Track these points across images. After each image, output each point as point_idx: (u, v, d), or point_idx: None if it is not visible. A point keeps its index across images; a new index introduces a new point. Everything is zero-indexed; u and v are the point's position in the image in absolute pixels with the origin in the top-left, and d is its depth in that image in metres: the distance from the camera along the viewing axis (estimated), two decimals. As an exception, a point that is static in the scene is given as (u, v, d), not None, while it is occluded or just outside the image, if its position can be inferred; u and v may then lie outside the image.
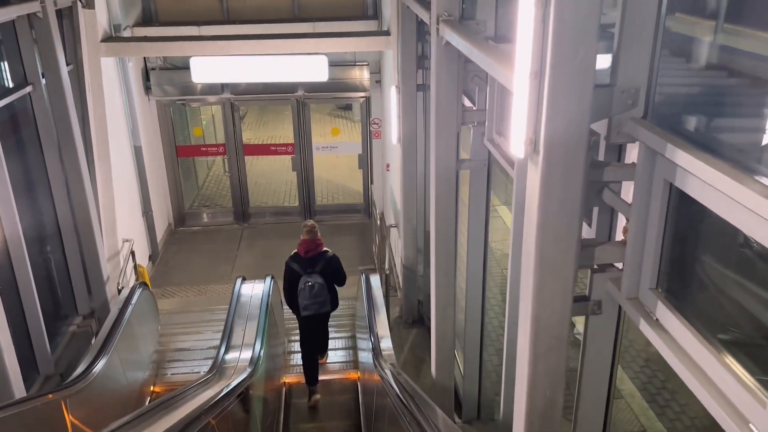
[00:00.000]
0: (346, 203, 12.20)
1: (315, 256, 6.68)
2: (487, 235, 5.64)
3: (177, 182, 11.27)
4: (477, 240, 5.65)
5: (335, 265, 6.78)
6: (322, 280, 6.61)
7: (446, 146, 5.20)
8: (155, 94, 10.48)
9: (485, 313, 5.95)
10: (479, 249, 5.68)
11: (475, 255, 5.71)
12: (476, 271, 5.77)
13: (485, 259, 5.73)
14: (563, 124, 2.61)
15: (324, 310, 6.78)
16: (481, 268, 5.76)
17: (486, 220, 5.58)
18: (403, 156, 7.78)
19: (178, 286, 9.70)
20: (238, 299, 7.27)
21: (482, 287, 5.83)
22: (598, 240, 3.12)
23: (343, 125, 17.62)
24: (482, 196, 5.47)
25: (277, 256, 10.52)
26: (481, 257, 5.71)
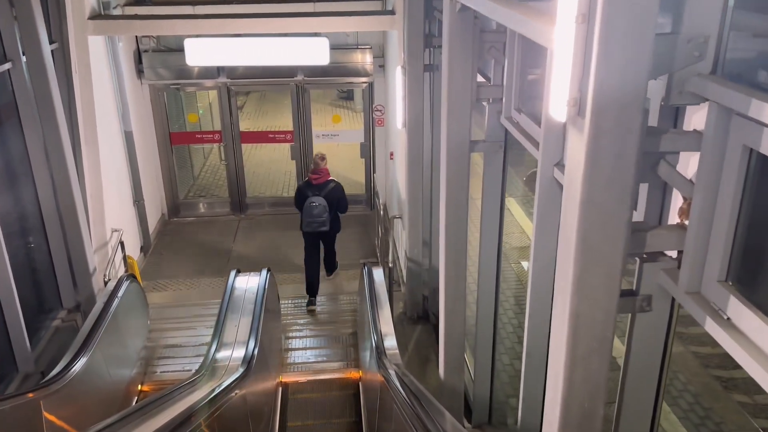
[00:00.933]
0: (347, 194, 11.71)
1: (321, 183, 7.90)
2: (501, 224, 5.17)
3: (171, 171, 10.79)
4: (491, 228, 5.18)
5: (338, 192, 8.00)
6: (324, 203, 7.80)
7: (458, 125, 4.73)
8: (148, 78, 9.99)
9: (498, 308, 5.48)
10: (493, 238, 5.21)
11: (489, 244, 5.24)
12: (489, 262, 5.30)
13: (499, 250, 5.26)
14: (616, 80, 2.14)
15: (322, 228, 7.92)
16: (495, 260, 5.29)
17: (501, 207, 5.10)
18: (408, 141, 7.30)
19: (170, 278, 9.24)
20: (231, 293, 6.81)
21: (496, 280, 5.36)
22: (648, 223, 2.64)
23: (344, 115, 17.13)
24: (497, 181, 4.99)
25: (275, 248, 10.10)
26: (495, 247, 5.24)
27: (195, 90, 10.98)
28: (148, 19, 8.03)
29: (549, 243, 3.78)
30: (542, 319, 4.01)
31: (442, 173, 4.97)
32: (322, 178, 7.94)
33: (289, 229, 10.67)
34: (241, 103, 18.20)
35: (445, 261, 5.16)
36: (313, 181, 7.93)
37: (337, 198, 7.94)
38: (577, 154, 2.30)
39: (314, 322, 8.04)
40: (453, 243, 5.08)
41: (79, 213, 7.25)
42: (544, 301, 3.97)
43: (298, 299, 8.60)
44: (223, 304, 6.59)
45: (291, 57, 9.71)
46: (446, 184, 4.92)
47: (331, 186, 7.97)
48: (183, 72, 10.02)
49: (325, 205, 7.80)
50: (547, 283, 3.91)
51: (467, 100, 4.68)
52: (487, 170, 5.00)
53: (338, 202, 7.97)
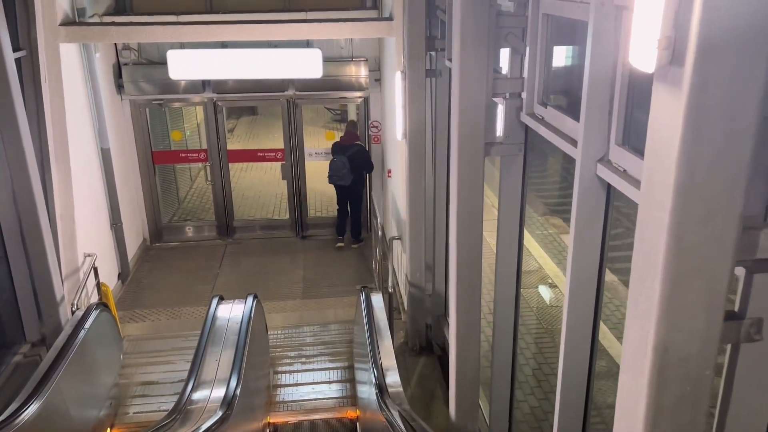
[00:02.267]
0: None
1: (347, 144, 9.44)
2: (521, 239, 4.49)
3: (153, 192, 10.09)
4: (508, 245, 4.50)
5: (361, 153, 9.47)
6: (345, 160, 9.24)
7: (472, 125, 4.08)
8: (128, 93, 9.36)
9: (517, 338, 4.77)
10: (511, 257, 4.52)
11: (506, 264, 4.56)
12: (507, 284, 4.61)
13: (519, 270, 4.57)
14: (732, 11, 1.49)
15: (341, 182, 9.43)
16: (514, 281, 4.60)
17: (521, 220, 4.43)
18: (409, 153, 6.66)
19: (149, 308, 8.48)
20: (212, 323, 6.08)
21: (515, 306, 4.67)
22: (760, 218, 1.95)
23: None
24: (516, 189, 4.33)
25: (264, 274, 9.38)
26: (513, 267, 4.56)
27: (181, 106, 10.34)
28: (125, 26, 7.42)
29: (590, 258, 3.11)
30: (581, 355, 3.32)
31: (453, 182, 4.31)
32: (349, 141, 9.47)
33: (280, 253, 9.97)
34: (232, 126, 17.62)
35: (456, 283, 4.46)
36: (341, 142, 9.54)
37: (360, 158, 9.36)
38: (668, 119, 1.63)
39: (306, 354, 7.29)
40: (466, 262, 4.40)
41: (45, 235, 6.52)
42: (584, 330, 3.28)
43: (289, 329, 7.86)
44: (202, 336, 5.85)
45: (281, 70, 9.12)
46: (458, 193, 4.26)
47: (355, 149, 9.39)
48: (166, 87, 9.39)
49: (345, 162, 9.24)
50: (587, 308, 3.23)
51: (482, 95, 4.04)
52: (504, 177, 4.33)
53: (362, 162, 9.40)
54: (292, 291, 8.84)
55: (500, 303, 4.68)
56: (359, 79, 9.56)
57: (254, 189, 12.46)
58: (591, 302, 3.21)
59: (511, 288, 4.60)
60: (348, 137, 9.55)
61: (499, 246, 4.54)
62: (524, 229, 4.47)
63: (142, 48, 9.30)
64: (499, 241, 4.53)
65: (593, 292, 3.21)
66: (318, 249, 10.13)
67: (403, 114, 6.55)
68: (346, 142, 9.50)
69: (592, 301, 3.22)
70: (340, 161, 9.27)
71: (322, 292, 8.83)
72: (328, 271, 9.39)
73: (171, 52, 8.87)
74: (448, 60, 6.18)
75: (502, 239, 4.51)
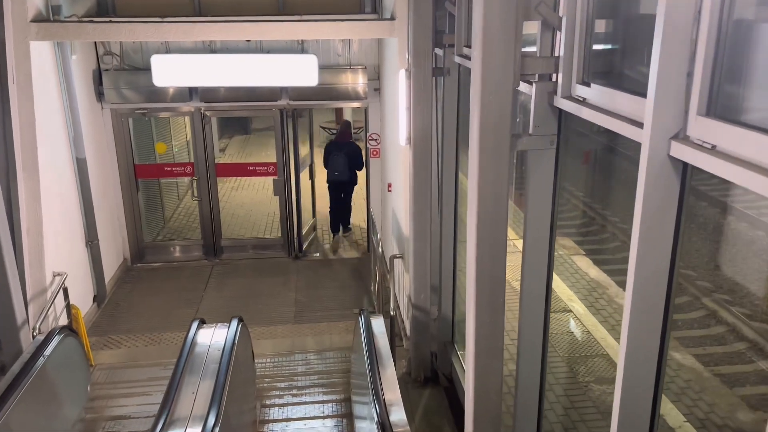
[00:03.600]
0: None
1: (342, 142, 9.98)
2: (552, 251, 3.82)
3: (135, 209, 9.39)
4: (536, 257, 3.82)
5: (357, 151, 9.93)
6: (344, 157, 9.76)
7: (496, 112, 3.43)
8: (109, 101, 8.71)
9: (546, 369, 4.07)
10: (540, 271, 3.84)
11: (533, 280, 3.87)
12: (534, 303, 3.92)
13: (549, 286, 3.89)
14: None
15: (341, 178, 9.88)
16: (543, 300, 3.92)
17: (552, 228, 3.76)
18: (414, 160, 6.01)
19: (126, 333, 7.73)
20: (191, 350, 5.35)
21: (543, 330, 3.97)
22: None
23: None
24: (547, 189, 3.66)
25: (253, 296, 8.65)
26: (542, 283, 3.87)
27: (166, 116, 9.68)
28: (103, 23, 6.79)
29: (658, 260, 2.45)
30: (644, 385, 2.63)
31: (473, 182, 3.63)
32: (343, 139, 10.06)
33: (271, 274, 9.26)
34: (223, 146, 17.02)
35: (476, 305, 3.76)
36: (337, 140, 10.18)
37: (353, 155, 9.83)
38: None
39: (298, 386, 6.54)
40: (488, 279, 3.71)
41: (5, 251, 5.83)
42: (647, 356, 2.59)
43: (279, 357, 7.12)
44: (178, 365, 5.11)
45: (274, 77, 8.52)
46: (478, 195, 3.58)
47: (349, 147, 9.92)
48: (151, 95, 8.76)
49: (344, 159, 9.74)
50: (654, 325, 2.55)
51: (508, 77, 3.40)
52: (532, 175, 3.67)
53: (355, 159, 9.82)
54: (283, 315, 8.11)
55: (526, 328, 3.99)
56: (357, 88, 8.96)
57: (245, 208, 11.77)
58: (658, 314, 2.54)
59: (539, 304, 3.92)
60: (342, 136, 10.13)
61: (525, 260, 3.86)
62: (555, 238, 3.80)
63: (125, 53, 8.69)
64: (525, 254, 3.85)
65: (661, 307, 2.53)
66: (312, 270, 9.43)
67: (407, 116, 5.91)
68: (341, 140, 10.03)
69: (659, 313, 2.54)
70: (340, 158, 9.73)
71: (317, 316, 8.10)
72: (322, 294, 8.68)
73: (155, 57, 8.27)
74: (457, 56, 5.57)
75: (528, 252, 3.84)
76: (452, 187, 6.29)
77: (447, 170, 6.24)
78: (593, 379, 6.49)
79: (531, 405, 4.13)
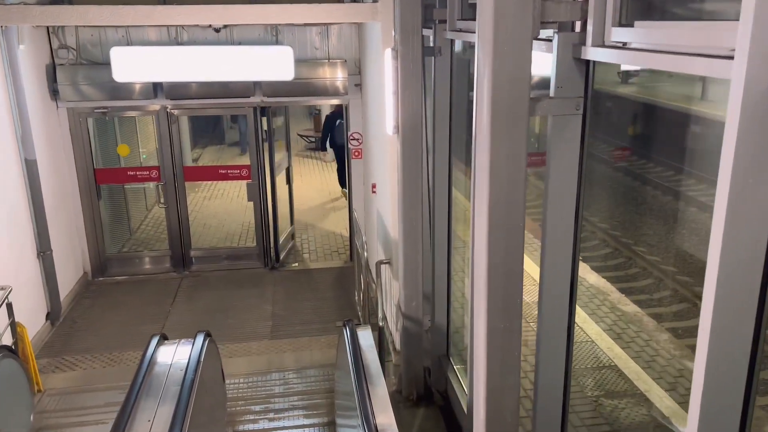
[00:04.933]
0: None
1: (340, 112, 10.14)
2: (577, 241, 3.17)
3: (96, 217, 8.61)
4: (558, 249, 3.18)
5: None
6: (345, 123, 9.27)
7: (512, 70, 2.78)
8: (65, 98, 7.96)
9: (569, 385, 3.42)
10: (562, 264, 3.20)
11: (555, 278, 3.23)
12: (556, 305, 3.27)
13: (573, 284, 3.25)
14: None
15: (342, 142, 10.11)
16: (566, 303, 3.27)
17: (577, 213, 3.12)
18: (403, 151, 5.35)
19: (82, 354, 6.93)
20: (148, 370, 4.60)
21: (567, 338, 3.32)
22: None
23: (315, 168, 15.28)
24: (572, 163, 3.03)
25: (225, 310, 7.89)
26: (565, 282, 3.23)
27: (135, 115, 8.92)
28: (50, 6, 6.07)
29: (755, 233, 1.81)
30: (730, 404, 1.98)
31: (482, 157, 2.97)
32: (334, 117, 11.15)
33: (245, 286, 8.52)
34: (196, 156, 16.26)
35: (487, 307, 3.09)
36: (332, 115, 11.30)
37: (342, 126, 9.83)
38: None
39: (275, 408, 5.81)
40: (502, 275, 3.04)
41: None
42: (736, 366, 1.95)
43: (254, 377, 6.38)
44: (132, 388, 4.37)
45: (246, 71, 7.85)
46: (490, 174, 2.92)
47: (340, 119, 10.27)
48: (112, 93, 8.03)
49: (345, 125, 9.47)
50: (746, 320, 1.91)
51: (527, 26, 2.76)
52: (554, 147, 3.04)
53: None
54: (259, 330, 7.37)
55: (546, 336, 3.33)
56: (336, 83, 8.31)
57: (218, 218, 11.02)
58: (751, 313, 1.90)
59: (563, 304, 3.27)
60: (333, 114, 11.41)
61: (545, 254, 3.21)
62: (581, 225, 3.16)
63: (82, 47, 7.96)
64: (545, 246, 3.21)
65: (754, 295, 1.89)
66: (290, 281, 8.70)
67: (394, 102, 5.27)
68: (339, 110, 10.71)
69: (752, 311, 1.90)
70: (341, 126, 9.88)
71: (296, 330, 7.37)
72: (302, 306, 7.95)
73: (115, 50, 7.56)
74: (450, 32, 4.96)
75: (549, 244, 3.19)
76: (445, 181, 5.64)
77: (439, 162, 5.60)
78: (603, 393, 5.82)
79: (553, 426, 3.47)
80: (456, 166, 5.69)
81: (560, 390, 3.41)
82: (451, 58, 5.21)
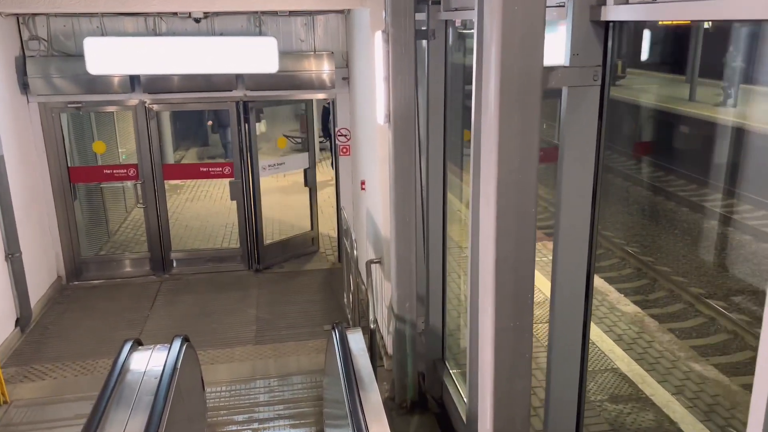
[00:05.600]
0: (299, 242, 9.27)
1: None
2: (595, 228, 2.86)
3: (71, 219, 8.19)
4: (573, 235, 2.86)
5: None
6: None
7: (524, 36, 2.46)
8: (36, 92, 7.55)
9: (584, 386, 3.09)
10: (578, 256, 2.88)
11: (570, 268, 2.90)
12: (570, 302, 2.94)
13: (589, 277, 2.92)
14: None
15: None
16: (582, 299, 2.94)
17: (594, 199, 2.80)
18: (395, 142, 5.01)
19: (53, 362, 6.50)
20: (120, 378, 4.22)
21: (582, 338, 2.99)
22: None
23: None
24: (589, 139, 2.71)
25: (206, 315, 7.49)
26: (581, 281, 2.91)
27: (114, 110, 8.46)
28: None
29: None
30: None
31: (490, 136, 2.64)
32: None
33: (228, 289, 8.13)
34: (179, 158, 15.84)
35: (495, 304, 2.76)
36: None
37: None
38: None
39: (260, 418, 5.43)
40: (511, 267, 2.70)
41: None
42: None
43: (237, 384, 6.00)
44: (101, 398, 3.98)
45: (228, 63, 7.49)
46: (498, 152, 2.59)
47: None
48: (87, 86, 7.63)
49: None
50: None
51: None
52: (569, 125, 2.71)
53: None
54: (242, 335, 6.99)
55: (559, 335, 3.00)
56: (322, 76, 7.97)
57: (200, 219, 10.62)
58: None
59: (576, 311, 2.94)
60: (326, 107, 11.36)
61: (558, 242, 2.89)
62: (599, 212, 2.84)
63: (54, 38, 7.56)
64: (558, 234, 2.88)
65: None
66: (276, 283, 8.32)
67: (385, 89, 4.93)
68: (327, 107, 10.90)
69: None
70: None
71: (281, 335, 7.00)
72: (288, 310, 7.58)
73: (89, 40, 7.18)
74: (445, 11, 4.65)
75: (562, 236, 2.87)
76: (440, 174, 5.32)
77: (434, 154, 5.27)
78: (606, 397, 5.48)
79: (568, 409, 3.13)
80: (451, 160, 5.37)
81: (575, 393, 3.08)
82: (446, 41, 4.90)
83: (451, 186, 5.45)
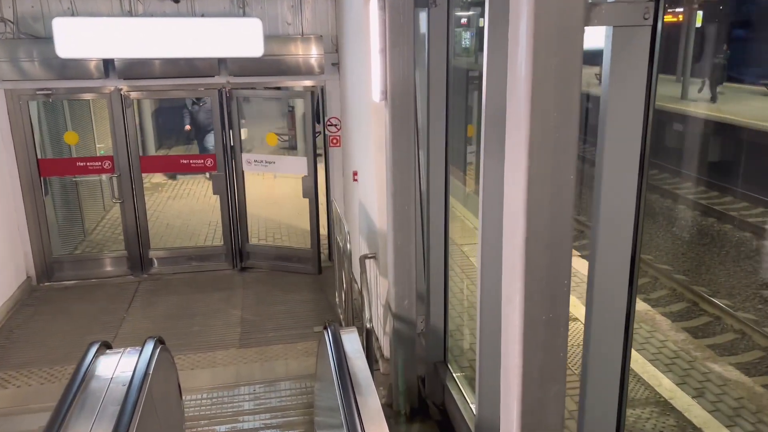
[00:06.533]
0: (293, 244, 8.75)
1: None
2: (642, 201, 2.40)
3: (41, 215, 7.64)
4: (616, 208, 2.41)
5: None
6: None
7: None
8: (1, 78, 7.01)
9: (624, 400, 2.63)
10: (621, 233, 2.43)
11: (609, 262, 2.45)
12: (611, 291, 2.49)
13: (634, 262, 2.47)
14: None
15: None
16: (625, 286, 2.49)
17: (642, 157, 2.35)
18: (392, 122, 4.55)
19: (18, 369, 5.97)
20: (82, 386, 3.71)
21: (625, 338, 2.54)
22: None
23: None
24: (637, 91, 2.26)
25: (188, 317, 6.94)
26: (626, 253, 2.45)
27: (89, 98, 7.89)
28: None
29: None
30: None
31: (520, 88, 2.17)
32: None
33: (209, 290, 7.63)
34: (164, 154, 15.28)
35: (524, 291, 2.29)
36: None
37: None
38: None
39: (244, 429, 4.93)
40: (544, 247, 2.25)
41: None
42: None
43: (219, 392, 5.49)
44: (60, 407, 3.48)
45: (210, 46, 7.01)
46: (531, 109, 2.12)
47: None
48: (58, 71, 7.11)
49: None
50: None
51: None
52: (614, 70, 2.25)
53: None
54: (226, 338, 6.48)
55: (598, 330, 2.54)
56: (310, 60, 7.49)
57: (182, 217, 10.09)
58: None
59: (621, 299, 2.49)
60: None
61: (598, 219, 2.43)
62: (646, 178, 2.38)
63: (22, 20, 7.03)
64: (597, 208, 2.43)
65: None
66: (262, 282, 7.82)
67: (381, 62, 4.47)
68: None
69: None
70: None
71: (268, 337, 6.50)
72: (275, 310, 7.08)
73: (58, 20, 6.66)
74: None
75: (604, 205, 2.41)
76: (442, 158, 4.84)
77: (435, 136, 4.80)
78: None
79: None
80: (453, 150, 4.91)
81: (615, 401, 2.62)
82: (448, 8, 4.44)
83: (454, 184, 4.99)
